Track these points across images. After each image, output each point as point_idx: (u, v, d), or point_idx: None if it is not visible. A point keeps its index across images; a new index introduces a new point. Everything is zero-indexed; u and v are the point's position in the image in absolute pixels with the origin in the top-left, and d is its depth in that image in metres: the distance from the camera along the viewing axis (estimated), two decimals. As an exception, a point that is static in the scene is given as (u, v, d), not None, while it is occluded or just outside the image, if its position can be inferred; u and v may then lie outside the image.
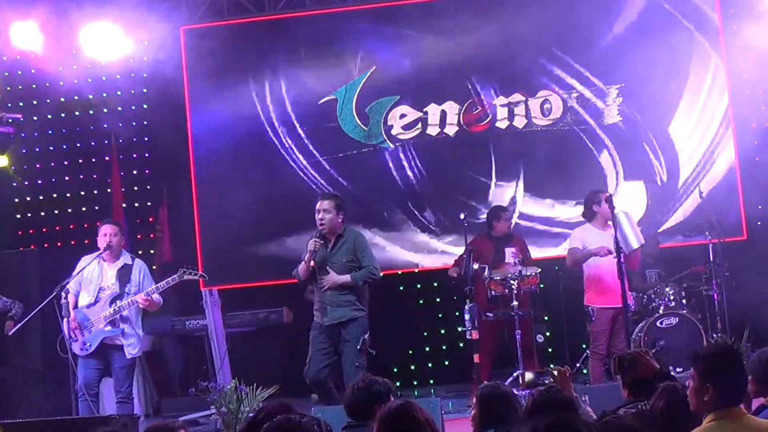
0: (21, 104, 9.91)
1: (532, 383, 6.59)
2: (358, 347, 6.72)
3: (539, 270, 8.05)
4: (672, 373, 4.69)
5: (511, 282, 7.84)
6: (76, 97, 9.78)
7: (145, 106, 10.11)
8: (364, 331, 6.82)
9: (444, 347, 9.86)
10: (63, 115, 10.07)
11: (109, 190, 10.18)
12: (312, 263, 6.81)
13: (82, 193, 10.26)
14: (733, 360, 3.41)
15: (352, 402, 4.23)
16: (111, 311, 6.85)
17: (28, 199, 10.25)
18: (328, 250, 6.89)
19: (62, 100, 9.83)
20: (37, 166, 10.21)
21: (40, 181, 10.26)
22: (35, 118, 10.02)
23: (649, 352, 4.46)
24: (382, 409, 3.42)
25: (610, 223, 7.30)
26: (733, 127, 9.33)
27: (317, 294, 6.94)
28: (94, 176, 10.27)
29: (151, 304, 6.97)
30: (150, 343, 9.15)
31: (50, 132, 10.19)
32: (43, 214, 10.25)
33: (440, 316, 9.81)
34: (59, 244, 10.10)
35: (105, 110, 9.94)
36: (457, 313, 8.24)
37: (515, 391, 7.42)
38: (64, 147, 10.26)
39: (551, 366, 4.80)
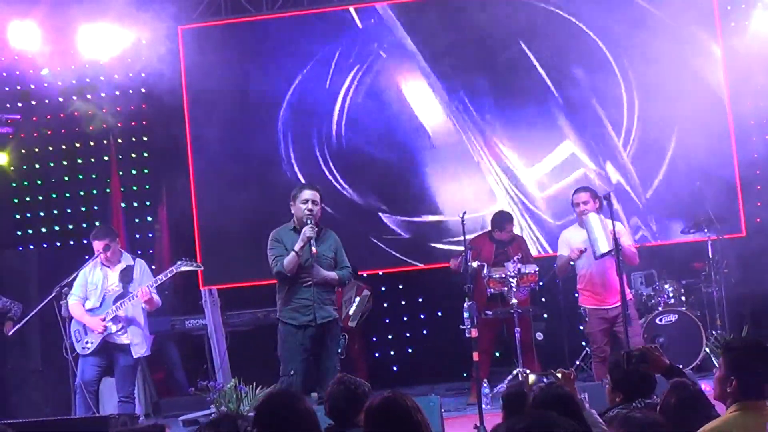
0: (19, 104, 9.91)
1: (537, 384, 6.55)
2: (339, 350, 6.50)
3: (538, 268, 8.05)
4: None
5: (510, 280, 7.83)
6: (74, 97, 9.78)
7: (143, 106, 10.12)
8: (341, 333, 6.63)
9: (443, 345, 9.86)
10: (61, 115, 10.06)
11: (108, 190, 10.18)
12: (314, 250, 6.29)
13: (81, 193, 10.27)
14: (760, 355, 3.48)
15: (336, 401, 4.07)
16: (113, 308, 6.87)
17: (27, 199, 10.25)
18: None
19: (60, 100, 9.82)
20: (36, 166, 10.22)
21: (39, 181, 10.27)
22: (34, 118, 10.02)
23: (658, 348, 4.42)
24: (369, 402, 3.34)
25: (601, 219, 7.05)
26: (731, 123, 9.33)
27: (297, 291, 6.41)
28: (93, 176, 10.27)
29: (150, 302, 6.96)
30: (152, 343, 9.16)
31: (49, 132, 10.19)
32: (42, 214, 10.26)
33: (439, 314, 9.81)
34: (58, 244, 10.11)
35: (103, 110, 9.94)
36: (456, 311, 8.25)
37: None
38: (63, 147, 10.26)
39: (556, 369, 4.76)
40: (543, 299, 9.19)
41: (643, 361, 4.09)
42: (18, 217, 10.24)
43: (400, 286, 10.02)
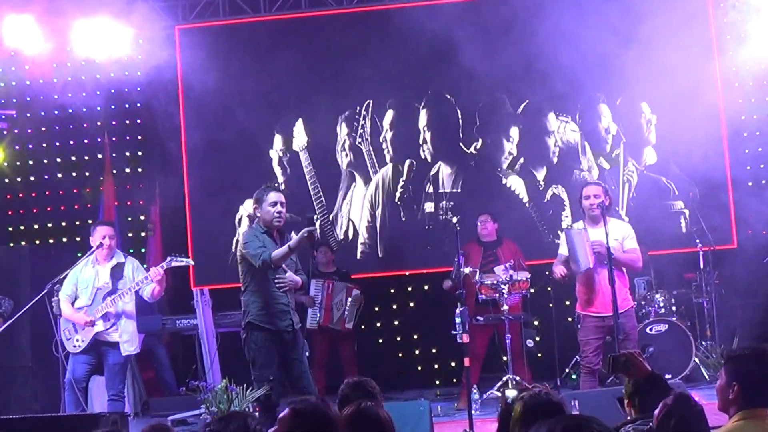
0: (14, 101, 9.90)
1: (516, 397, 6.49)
2: (308, 353, 6.45)
3: (530, 275, 8.06)
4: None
5: (502, 286, 7.85)
6: (69, 95, 9.77)
7: (138, 105, 10.11)
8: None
9: (434, 350, 9.87)
10: (56, 112, 10.05)
11: (101, 188, 10.16)
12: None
13: (74, 190, 10.25)
14: (763, 361, 3.45)
15: (350, 397, 4.01)
16: (103, 305, 6.86)
17: (20, 195, 10.23)
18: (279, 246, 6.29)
19: (56, 97, 9.81)
20: (30, 162, 10.20)
21: (32, 178, 10.25)
22: (28, 114, 10.01)
23: (642, 354, 4.38)
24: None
25: (584, 234, 6.73)
26: (725, 136, 9.36)
27: (274, 296, 6.28)
28: (87, 174, 10.26)
29: (161, 282, 6.87)
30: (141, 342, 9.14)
31: (43, 129, 10.18)
32: (34, 211, 10.24)
33: (430, 319, 9.81)
34: (50, 241, 10.09)
35: (98, 108, 9.93)
36: (447, 317, 8.25)
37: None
38: (57, 144, 10.25)
39: (544, 376, 4.74)
40: (534, 306, 9.20)
41: (627, 366, 4.06)
42: (10, 213, 10.21)
43: (392, 290, 10.02)
